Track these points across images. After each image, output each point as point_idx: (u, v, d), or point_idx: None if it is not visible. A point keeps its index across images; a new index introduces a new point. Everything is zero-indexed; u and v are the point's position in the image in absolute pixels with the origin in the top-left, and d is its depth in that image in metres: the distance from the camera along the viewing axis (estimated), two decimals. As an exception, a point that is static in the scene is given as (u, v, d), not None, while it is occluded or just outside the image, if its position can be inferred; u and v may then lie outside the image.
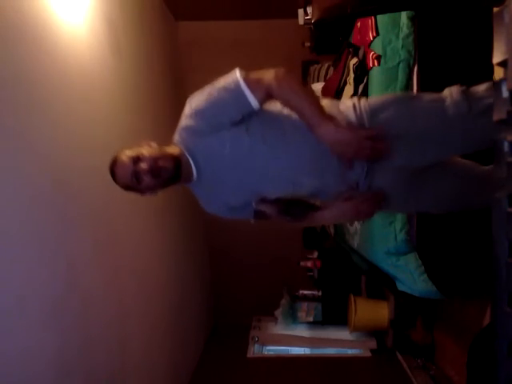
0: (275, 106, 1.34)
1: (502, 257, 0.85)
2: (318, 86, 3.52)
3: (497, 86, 0.86)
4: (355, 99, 1.38)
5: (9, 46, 1.52)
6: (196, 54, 4.79)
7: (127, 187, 1.35)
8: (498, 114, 0.86)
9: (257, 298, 4.90)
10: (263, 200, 1.45)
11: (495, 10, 0.83)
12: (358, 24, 2.48)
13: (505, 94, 0.84)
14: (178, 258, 3.79)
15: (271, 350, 4.42)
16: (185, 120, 1.35)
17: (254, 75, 1.29)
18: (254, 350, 4.35)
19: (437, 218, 1.90)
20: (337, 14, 2.40)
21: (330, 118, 1.26)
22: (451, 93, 1.34)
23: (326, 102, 1.37)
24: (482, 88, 1.33)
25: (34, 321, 1.55)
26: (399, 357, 3.68)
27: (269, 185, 1.40)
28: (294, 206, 1.49)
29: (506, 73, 0.83)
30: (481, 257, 1.85)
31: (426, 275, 2.09)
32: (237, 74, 1.29)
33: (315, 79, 3.98)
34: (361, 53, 2.40)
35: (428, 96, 1.40)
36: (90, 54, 2.21)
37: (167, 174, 1.32)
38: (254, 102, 1.27)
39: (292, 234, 4.60)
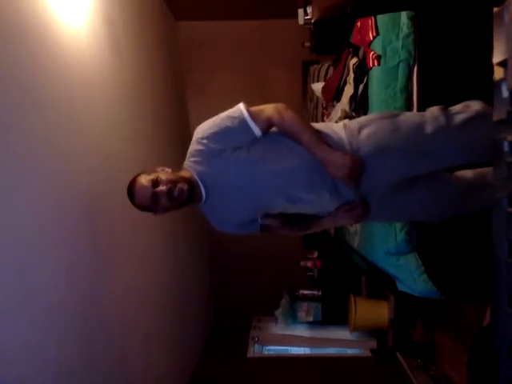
0: (274, 130, 1.49)
1: (502, 257, 0.85)
2: (318, 86, 3.52)
3: (497, 85, 0.86)
4: (346, 121, 1.56)
5: (9, 47, 1.52)
6: (196, 54, 4.78)
7: (143, 208, 1.49)
8: (498, 114, 0.86)
9: (257, 297, 4.90)
10: (267, 215, 1.60)
11: (495, 9, 0.83)
12: (358, 24, 2.48)
13: (505, 93, 0.84)
14: (178, 258, 3.79)
15: (271, 349, 4.42)
16: (194, 146, 1.49)
17: (256, 108, 1.46)
18: (254, 350, 4.34)
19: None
20: (337, 13, 2.40)
21: (326, 143, 1.43)
22: (431, 110, 1.50)
23: (320, 125, 1.55)
24: (458, 106, 1.50)
25: (34, 321, 1.55)
26: (399, 357, 3.68)
27: (270, 201, 1.53)
28: (297, 219, 1.63)
29: (506, 73, 0.83)
30: (481, 257, 1.84)
31: (426, 275, 2.09)
32: (241, 106, 1.45)
33: (315, 79, 3.98)
34: (361, 53, 2.40)
35: (410, 113, 1.59)
36: (90, 54, 2.21)
37: (183, 197, 1.45)
38: (256, 130, 1.43)
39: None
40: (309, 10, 3.01)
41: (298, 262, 4.62)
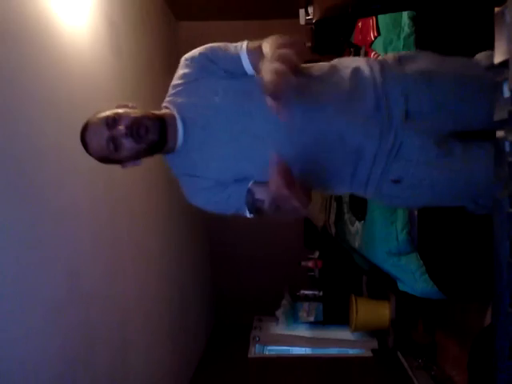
0: None
1: (503, 257, 0.85)
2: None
3: (498, 85, 0.86)
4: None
5: (11, 48, 1.52)
6: (197, 54, 4.78)
7: (104, 158, 1.17)
8: (500, 114, 0.86)
9: (258, 297, 4.90)
10: (256, 184, 1.22)
11: (496, 9, 0.83)
12: (359, 24, 2.48)
13: (506, 93, 0.84)
14: (179, 257, 3.79)
15: (272, 350, 4.41)
16: (177, 73, 1.26)
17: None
18: (255, 350, 4.34)
19: (438, 218, 1.90)
20: (338, 13, 2.40)
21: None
22: (481, 53, 1.24)
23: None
24: None
25: (36, 324, 1.55)
26: (400, 357, 3.68)
27: (258, 138, 1.18)
28: None
29: (507, 73, 0.83)
30: (482, 257, 1.84)
31: (427, 275, 2.08)
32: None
33: (316, 79, 3.97)
34: (362, 53, 2.40)
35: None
36: (91, 54, 2.21)
37: (151, 135, 1.14)
38: (245, 58, 1.23)
39: (293, 233, 4.60)
40: (310, 10, 3.01)
41: (299, 262, 4.62)
